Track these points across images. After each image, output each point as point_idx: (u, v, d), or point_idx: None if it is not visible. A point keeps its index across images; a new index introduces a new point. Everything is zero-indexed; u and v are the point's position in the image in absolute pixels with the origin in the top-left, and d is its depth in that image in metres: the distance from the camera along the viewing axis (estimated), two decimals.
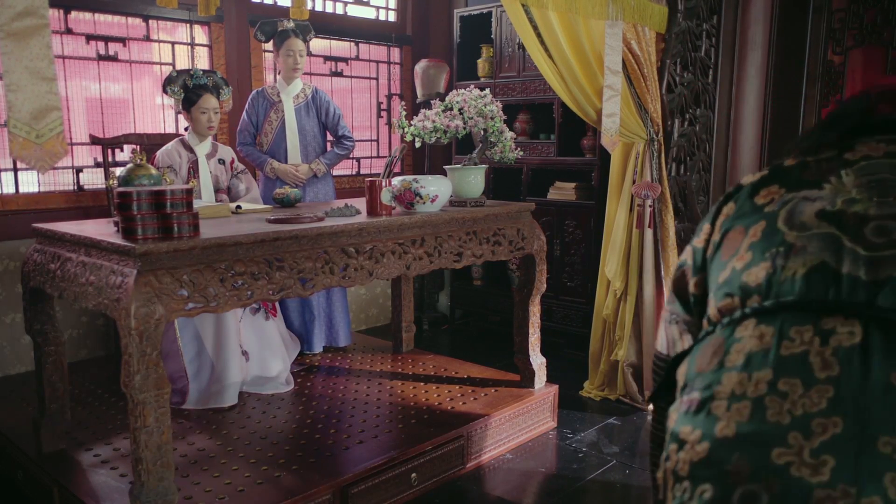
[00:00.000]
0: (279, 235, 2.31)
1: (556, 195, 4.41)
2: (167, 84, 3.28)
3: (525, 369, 3.37)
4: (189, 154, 3.37)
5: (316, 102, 3.91)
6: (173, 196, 2.16)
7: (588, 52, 3.23)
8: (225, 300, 2.17)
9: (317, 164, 3.87)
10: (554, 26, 3.14)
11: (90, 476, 2.51)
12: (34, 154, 1.60)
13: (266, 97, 3.85)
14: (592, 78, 3.29)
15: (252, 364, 3.33)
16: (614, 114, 3.25)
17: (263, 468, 2.56)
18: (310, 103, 3.89)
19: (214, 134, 3.47)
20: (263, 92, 3.86)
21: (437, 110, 3.07)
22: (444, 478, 2.85)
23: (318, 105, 3.92)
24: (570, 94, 3.34)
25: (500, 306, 4.77)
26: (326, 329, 3.95)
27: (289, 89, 3.83)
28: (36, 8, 1.54)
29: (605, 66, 3.19)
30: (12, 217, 3.53)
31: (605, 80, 3.22)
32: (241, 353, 3.26)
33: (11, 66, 1.53)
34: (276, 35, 3.74)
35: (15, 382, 3.47)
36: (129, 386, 2.03)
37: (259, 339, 3.39)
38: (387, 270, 2.62)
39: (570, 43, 3.21)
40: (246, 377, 3.28)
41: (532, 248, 3.23)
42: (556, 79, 3.30)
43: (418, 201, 2.83)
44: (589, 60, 3.26)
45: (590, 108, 3.35)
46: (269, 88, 3.87)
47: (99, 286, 2.13)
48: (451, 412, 3.08)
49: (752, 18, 3.93)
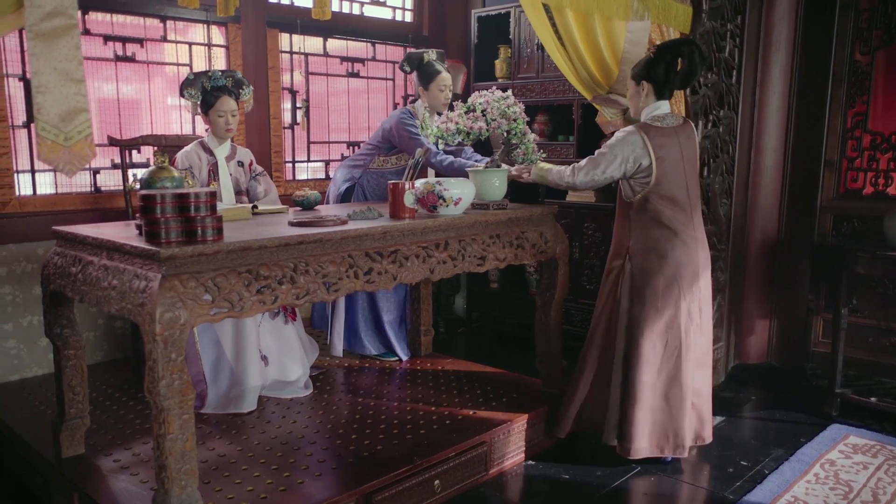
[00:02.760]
0: (304, 239, 2.28)
1: (574, 197, 4.36)
2: (184, 87, 3.23)
3: (547, 374, 3.32)
4: (209, 157, 3.34)
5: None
6: (197, 199, 2.13)
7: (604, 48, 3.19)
8: (249, 305, 2.13)
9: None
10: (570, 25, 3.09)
11: (111, 482, 2.48)
12: (62, 157, 1.57)
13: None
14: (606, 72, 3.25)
15: (271, 368, 3.30)
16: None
17: (286, 475, 2.52)
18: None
19: (233, 136, 3.44)
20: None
21: (460, 112, 3.03)
22: (467, 484, 2.81)
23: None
24: (578, 78, 3.31)
25: (517, 309, 4.73)
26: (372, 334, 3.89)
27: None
28: (65, 8, 1.51)
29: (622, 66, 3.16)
30: (30, 219, 3.51)
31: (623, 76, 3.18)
32: (260, 358, 3.23)
33: (40, 67, 1.51)
34: (423, 66, 3.63)
35: (32, 385, 3.44)
36: (153, 392, 1.99)
37: (278, 343, 3.36)
38: (411, 274, 2.58)
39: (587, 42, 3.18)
40: (265, 382, 3.25)
41: (555, 252, 3.19)
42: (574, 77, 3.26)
43: (441, 204, 2.79)
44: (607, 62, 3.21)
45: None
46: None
47: (122, 290, 2.10)
48: (472, 417, 3.04)
49: (777, 18, 3.88)
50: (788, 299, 4.16)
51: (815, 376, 3.95)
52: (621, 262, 2.97)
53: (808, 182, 3.99)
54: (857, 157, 3.85)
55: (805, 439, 3.26)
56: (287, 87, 4.48)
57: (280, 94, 4.40)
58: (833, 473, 2.90)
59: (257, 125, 4.28)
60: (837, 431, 3.32)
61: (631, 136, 2.85)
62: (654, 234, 2.88)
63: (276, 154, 4.42)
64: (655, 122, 2.88)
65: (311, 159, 4.73)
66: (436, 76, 3.60)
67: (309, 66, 4.58)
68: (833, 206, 3.91)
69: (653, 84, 2.88)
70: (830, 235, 3.91)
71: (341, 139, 4.88)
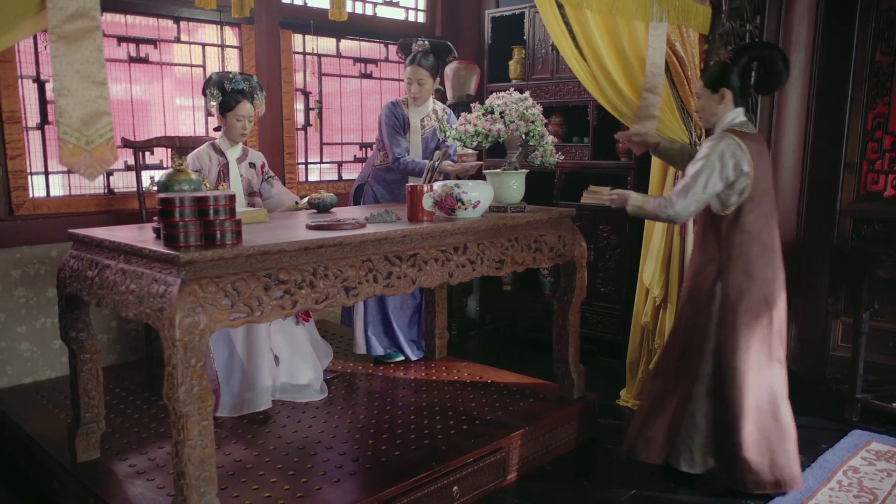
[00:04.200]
0: (323, 243, 2.25)
1: (589, 199, 4.32)
2: (206, 86, 3.22)
3: (564, 378, 3.28)
4: (220, 158, 3.32)
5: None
6: (216, 202, 2.11)
7: (629, 53, 3.15)
8: (269, 310, 2.11)
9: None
10: (592, 27, 3.05)
11: (127, 487, 2.46)
12: (84, 161, 1.55)
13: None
14: (633, 78, 3.20)
15: (282, 369, 3.26)
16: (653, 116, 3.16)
17: (303, 480, 2.50)
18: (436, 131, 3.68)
19: (245, 140, 3.44)
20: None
21: (478, 114, 2.99)
22: (485, 490, 2.77)
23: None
24: (603, 95, 3.26)
25: (530, 312, 4.69)
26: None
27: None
28: (87, 10, 1.49)
29: (647, 67, 3.11)
30: (43, 221, 3.49)
31: (647, 82, 3.13)
32: (271, 357, 3.20)
33: (62, 69, 1.48)
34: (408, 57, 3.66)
35: (45, 388, 3.43)
36: (173, 398, 1.97)
37: (289, 344, 3.32)
38: (430, 278, 2.55)
39: (611, 44, 3.13)
40: (275, 382, 3.22)
41: (573, 255, 3.15)
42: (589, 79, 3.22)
43: (460, 207, 2.76)
44: (629, 61, 3.17)
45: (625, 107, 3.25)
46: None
47: (140, 295, 2.07)
48: (489, 422, 3.00)
49: (797, 19, 3.83)
50: (807, 303, 4.11)
51: (835, 381, 3.90)
52: (711, 281, 2.72)
53: (827, 184, 3.94)
54: (877, 160, 3.80)
55: (826, 445, 3.21)
56: (300, 88, 4.46)
57: (293, 95, 4.38)
58: (857, 481, 2.86)
59: (270, 126, 4.26)
60: (859, 437, 3.27)
61: (724, 140, 2.60)
62: (751, 250, 2.65)
63: (289, 155, 4.39)
64: (741, 128, 2.68)
65: (324, 161, 4.71)
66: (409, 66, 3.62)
67: (321, 67, 4.56)
68: (853, 209, 3.86)
69: (733, 90, 2.67)
70: (850, 238, 3.86)
71: (353, 140, 4.86)
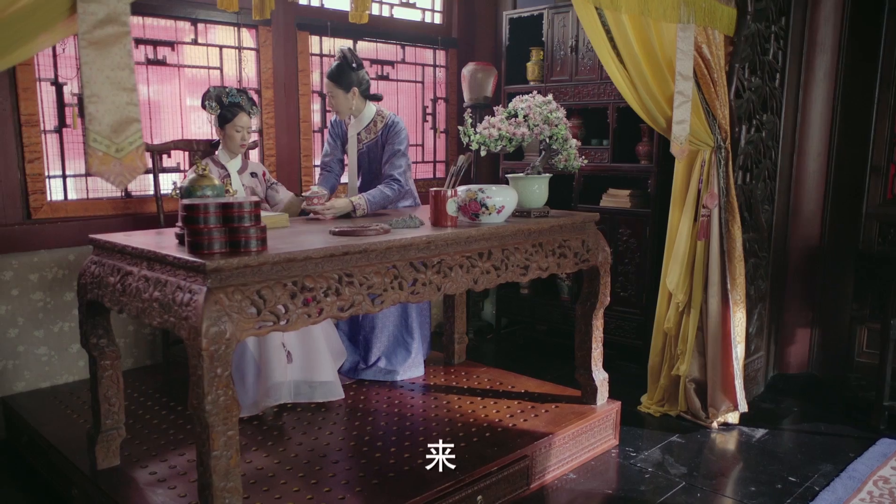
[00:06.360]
0: (349, 249, 2.21)
1: (609, 202, 4.27)
2: (205, 99, 3.33)
3: (587, 385, 3.24)
4: (220, 170, 3.38)
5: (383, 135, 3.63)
6: (241, 209, 2.08)
7: (659, 57, 3.10)
8: (295, 318, 2.07)
9: (358, 199, 3.26)
10: (626, 30, 3.00)
11: (147, 495, 2.43)
12: (114, 169, 1.51)
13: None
14: (663, 84, 3.15)
15: (294, 367, 3.19)
16: (684, 121, 3.12)
17: (326, 489, 2.46)
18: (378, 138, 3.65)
19: (244, 151, 3.49)
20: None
21: (501, 117, 2.95)
22: (509, 499, 2.74)
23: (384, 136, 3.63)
24: (640, 101, 3.20)
25: (548, 315, 4.65)
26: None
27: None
28: (118, 15, 1.45)
29: (677, 71, 3.06)
30: (61, 224, 3.47)
31: (676, 86, 3.09)
32: (284, 353, 3.15)
33: (92, 76, 1.45)
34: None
35: (63, 393, 3.40)
36: (199, 409, 1.93)
37: (302, 341, 3.26)
38: (455, 285, 2.51)
39: (642, 47, 3.08)
40: (289, 378, 3.15)
41: (597, 260, 3.11)
42: (626, 84, 3.16)
43: (484, 212, 2.72)
44: (660, 66, 3.12)
45: (659, 115, 3.21)
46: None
47: (164, 303, 2.04)
48: (512, 430, 2.96)
49: (822, 20, 3.77)
50: (831, 308, 4.06)
51: (860, 387, 3.83)
52: None
53: (852, 188, 3.87)
54: None
55: (854, 454, 3.16)
56: (316, 90, 4.43)
57: (310, 97, 4.34)
58: (888, 491, 2.80)
59: (286, 128, 4.23)
60: (888, 446, 3.21)
61: None
62: None
63: (306, 157, 4.36)
64: None
65: None
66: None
67: None
68: (879, 213, 3.80)
69: None
70: (876, 243, 3.80)
71: None
